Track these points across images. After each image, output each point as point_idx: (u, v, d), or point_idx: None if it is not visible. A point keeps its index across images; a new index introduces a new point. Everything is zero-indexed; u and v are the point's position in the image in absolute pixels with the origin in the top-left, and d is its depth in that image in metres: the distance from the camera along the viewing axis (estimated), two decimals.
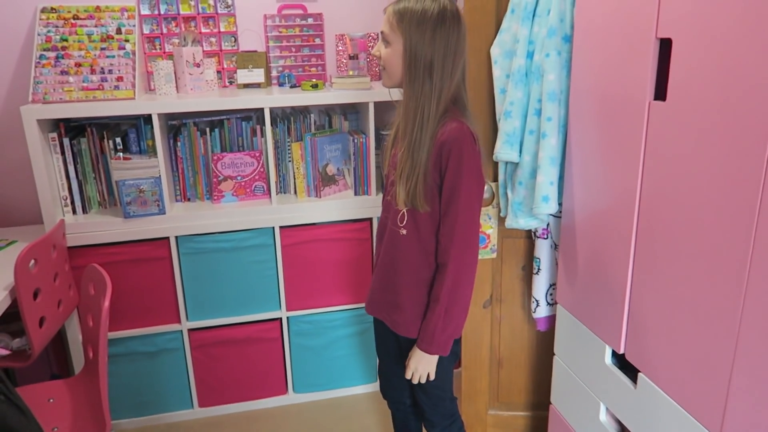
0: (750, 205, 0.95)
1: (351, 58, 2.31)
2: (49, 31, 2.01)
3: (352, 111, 2.31)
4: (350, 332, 2.29)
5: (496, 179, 1.78)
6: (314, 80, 2.14)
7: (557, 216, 1.66)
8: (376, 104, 2.06)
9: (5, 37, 2.10)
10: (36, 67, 1.94)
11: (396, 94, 1.41)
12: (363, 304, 1.83)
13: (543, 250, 1.75)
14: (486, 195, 1.77)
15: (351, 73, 2.28)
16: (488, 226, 1.83)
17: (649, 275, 1.24)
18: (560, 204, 1.60)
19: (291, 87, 2.22)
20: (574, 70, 1.46)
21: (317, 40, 2.31)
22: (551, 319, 1.80)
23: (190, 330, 2.15)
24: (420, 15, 1.27)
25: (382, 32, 1.34)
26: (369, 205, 2.15)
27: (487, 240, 1.84)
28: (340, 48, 2.32)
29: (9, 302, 1.63)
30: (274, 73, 2.30)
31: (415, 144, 1.31)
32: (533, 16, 1.57)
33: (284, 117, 2.20)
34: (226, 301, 2.14)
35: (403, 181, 1.33)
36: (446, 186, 1.31)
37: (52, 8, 2.05)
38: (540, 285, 1.78)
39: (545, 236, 1.74)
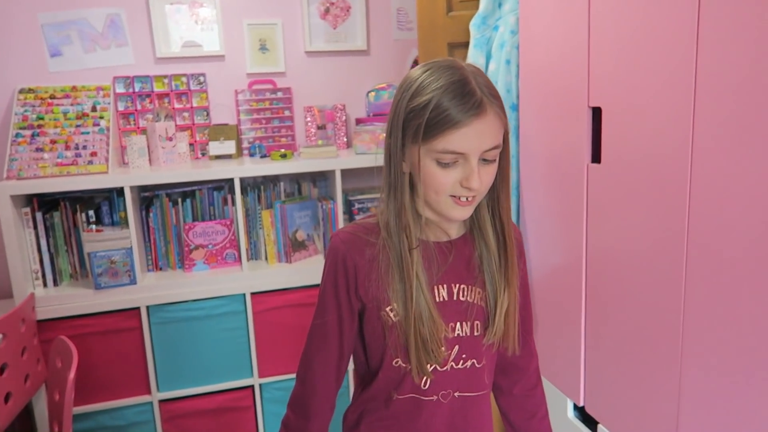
0: (677, 258, 1.02)
1: (319, 128, 2.42)
2: (26, 111, 2.09)
3: (321, 178, 2.39)
4: None
5: None
6: (283, 150, 2.23)
7: None
8: (343, 171, 2.15)
9: None
10: (12, 145, 2.00)
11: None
12: None
13: None
14: None
15: (320, 142, 2.38)
16: None
17: (601, 329, 1.29)
18: None
19: (261, 157, 2.31)
20: (522, 136, 1.57)
21: (287, 112, 2.42)
22: None
23: (161, 401, 2.12)
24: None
25: (494, 148, 0.88)
26: None
27: None
28: (309, 119, 2.43)
29: None
30: (245, 144, 2.39)
31: None
32: None
33: (255, 186, 2.27)
34: (197, 370, 2.13)
35: None
36: None
37: (29, 89, 2.14)
38: None
39: None
